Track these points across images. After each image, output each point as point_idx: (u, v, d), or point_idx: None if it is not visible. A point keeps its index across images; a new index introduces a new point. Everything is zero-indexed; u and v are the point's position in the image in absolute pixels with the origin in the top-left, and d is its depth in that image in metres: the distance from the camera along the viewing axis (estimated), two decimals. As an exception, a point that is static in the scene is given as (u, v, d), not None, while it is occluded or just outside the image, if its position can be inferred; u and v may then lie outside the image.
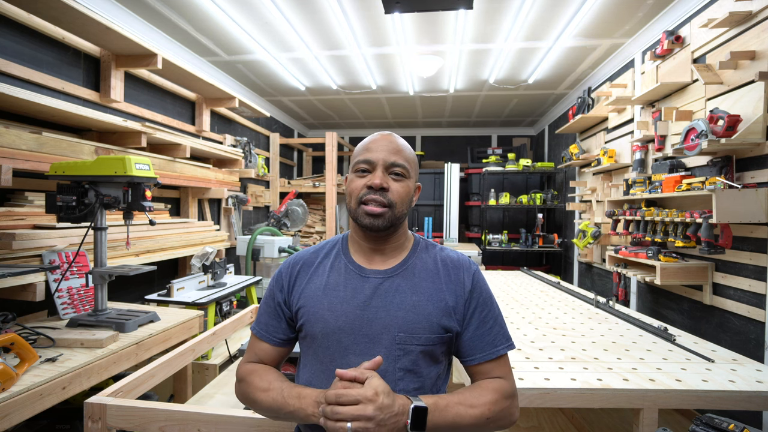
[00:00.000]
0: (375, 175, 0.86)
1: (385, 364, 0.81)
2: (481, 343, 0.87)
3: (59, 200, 1.70)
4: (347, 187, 0.91)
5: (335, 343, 0.84)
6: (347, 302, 0.86)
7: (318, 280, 0.90)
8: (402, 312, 0.84)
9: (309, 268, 0.93)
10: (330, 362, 0.84)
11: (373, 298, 0.86)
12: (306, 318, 0.87)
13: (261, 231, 3.61)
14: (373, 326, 0.84)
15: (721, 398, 1.29)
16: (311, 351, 0.88)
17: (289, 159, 5.99)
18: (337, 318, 0.84)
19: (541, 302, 2.53)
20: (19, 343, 1.27)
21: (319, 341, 0.86)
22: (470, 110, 5.40)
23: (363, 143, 0.92)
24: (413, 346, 0.83)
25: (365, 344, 0.83)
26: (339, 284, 0.88)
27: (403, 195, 0.88)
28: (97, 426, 1.10)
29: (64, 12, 2.01)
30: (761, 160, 1.97)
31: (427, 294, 0.87)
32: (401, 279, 0.88)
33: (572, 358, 1.56)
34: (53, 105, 1.91)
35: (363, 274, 0.89)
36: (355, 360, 0.81)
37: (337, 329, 0.84)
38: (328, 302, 0.86)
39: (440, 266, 0.91)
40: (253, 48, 3.37)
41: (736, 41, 2.09)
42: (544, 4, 2.65)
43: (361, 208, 0.86)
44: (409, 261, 0.91)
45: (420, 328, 0.83)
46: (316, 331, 0.86)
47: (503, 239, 5.22)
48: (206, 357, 2.31)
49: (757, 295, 1.97)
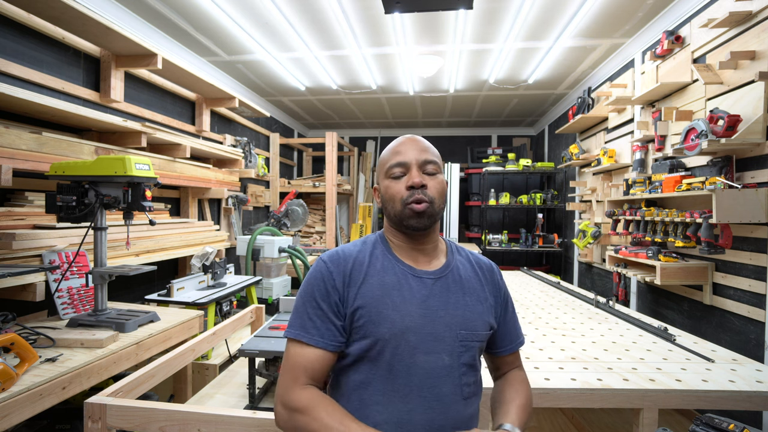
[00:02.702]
0: (412, 175, 0.89)
1: (450, 360, 0.85)
2: (510, 335, 0.99)
3: (59, 200, 1.70)
4: (386, 194, 0.92)
5: (404, 342, 0.83)
6: (409, 302, 0.86)
7: (373, 280, 0.87)
8: (460, 311, 0.88)
9: (361, 266, 0.89)
10: (398, 363, 0.83)
11: (430, 298, 0.87)
12: (368, 318, 0.83)
13: (261, 231, 3.61)
14: (436, 325, 0.85)
15: (721, 398, 1.29)
16: (371, 355, 0.84)
17: (289, 159, 5.99)
18: (403, 317, 0.84)
19: (541, 302, 2.53)
20: (19, 343, 1.27)
21: (385, 342, 0.83)
22: (470, 110, 5.40)
23: (390, 148, 0.95)
24: (473, 343, 0.88)
25: (431, 342, 0.84)
26: (396, 284, 0.87)
27: (440, 190, 0.91)
28: (97, 426, 1.10)
29: (64, 12, 2.01)
30: (761, 160, 1.97)
31: (475, 294, 0.92)
32: (450, 280, 0.91)
33: (572, 358, 1.56)
34: (53, 105, 1.91)
35: (416, 275, 0.90)
36: (423, 358, 0.84)
37: (405, 329, 0.83)
38: (391, 302, 0.85)
39: (477, 268, 0.98)
40: (253, 48, 3.37)
41: (736, 41, 2.09)
42: (544, 4, 2.65)
43: (407, 208, 0.88)
44: (452, 263, 0.95)
45: (477, 325, 0.89)
46: (381, 332, 0.83)
47: (503, 239, 5.22)
48: (206, 357, 2.31)
49: (757, 295, 1.97)
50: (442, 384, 0.83)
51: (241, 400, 1.56)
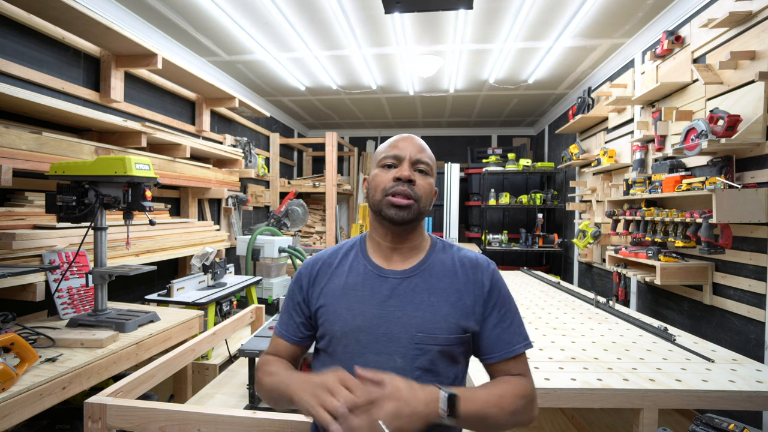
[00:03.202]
0: (403, 168, 0.88)
1: (403, 362, 0.83)
2: (499, 341, 0.88)
3: (59, 200, 1.70)
4: (371, 182, 0.92)
5: (354, 341, 0.85)
6: (365, 302, 0.87)
7: (337, 280, 0.92)
8: (420, 312, 0.85)
9: (328, 268, 0.95)
10: (348, 361, 0.85)
11: (391, 297, 0.87)
12: (325, 317, 0.89)
13: (261, 231, 3.61)
14: (391, 326, 0.85)
15: (721, 398, 1.29)
16: (329, 350, 0.89)
17: (289, 159, 5.99)
18: (355, 317, 0.86)
19: (541, 302, 2.53)
20: (19, 343, 1.27)
21: (337, 340, 0.87)
22: (470, 110, 5.40)
23: (388, 143, 0.95)
24: (430, 346, 0.84)
25: (383, 343, 0.84)
26: (357, 284, 0.90)
27: (428, 190, 0.90)
28: (97, 426, 1.10)
29: (64, 12, 2.01)
30: (761, 160, 1.97)
31: (444, 295, 0.88)
32: (419, 279, 0.89)
33: (572, 358, 1.57)
34: (53, 105, 1.91)
35: (381, 274, 0.90)
36: (373, 359, 0.83)
37: (356, 328, 0.85)
38: (347, 301, 0.88)
39: (458, 266, 0.92)
40: (253, 48, 3.37)
41: (736, 41, 2.09)
42: (544, 5, 2.65)
43: (386, 199, 0.87)
44: (427, 261, 0.92)
45: (437, 328, 0.85)
46: (335, 330, 0.87)
47: (503, 239, 5.22)
48: (206, 357, 2.31)
49: (757, 295, 1.97)
50: None
51: (241, 400, 1.56)
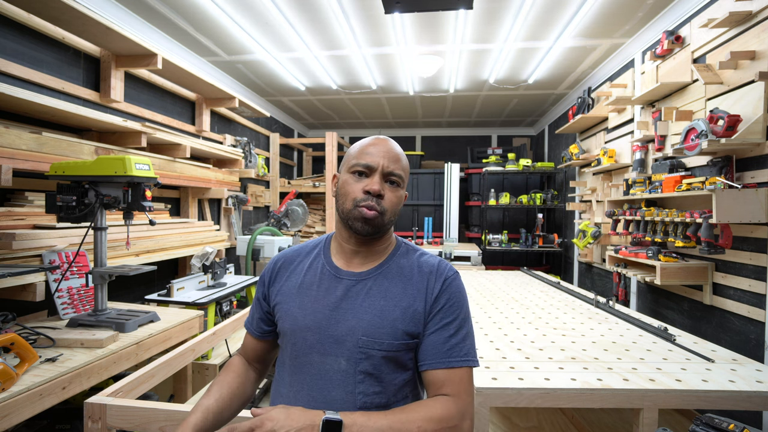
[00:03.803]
0: (373, 181, 0.86)
1: (347, 365, 0.83)
2: (434, 349, 0.83)
3: (59, 200, 1.70)
4: (341, 188, 0.89)
5: (301, 340, 0.86)
6: (318, 302, 0.88)
7: (295, 279, 0.94)
8: (368, 316, 0.84)
9: (289, 266, 0.97)
10: (295, 359, 0.87)
11: (344, 299, 0.87)
12: (279, 314, 0.91)
13: (261, 231, 3.61)
14: (339, 327, 0.84)
15: (721, 398, 1.29)
16: (282, 345, 0.93)
17: (289, 159, 5.99)
18: (305, 316, 0.87)
19: (541, 302, 2.53)
20: (19, 343, 1.27)
21: (287, 338, 0.89)
22: (470, 110, 5.40)
23: (361, 145, 0.91)
24: (375, 351, 0.82)
25: (329, 344, 0.84)
26: (313, 284, 0.91)
27: (395, 204, 0.89)
28: (97, 426, 1.10)
29: (64, 12, 2.01)
30: (761, 160, 1.97)
31: (396, 299, 0.86)
32: (373, 282, 0.88)
33: (572, 358, 1.56)
34: (53, 105, 1.91)
35: (338, 275, 0.90)
36: (318, 359, 0.84)
37: (304, 327, 0.86)
38: (299, 300, 0.89)
39: (416, 271, 0.90)
40: (253, 48, 3.37)
41: (736, 41, 2.09)
42: (544, 5, 2.65)
43: (356, 210, 0.85)
44: (385, 265, 0.91)
45: (383, 333, 0.83)
46: (286, 328, 0.89)
47: (503, 239, 5.22)
48: (206, 357, 2.31)
49: (757, 295, 1.97)
50: (332, 388, 0.82)
51: (241, 400, 1.56)
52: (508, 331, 1.92)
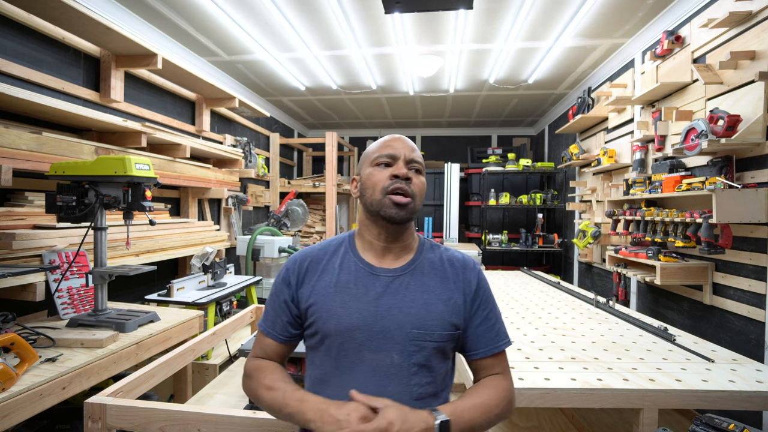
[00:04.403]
0: (399, 166, 0.89)
1: (400, 359, 0.84)
2: (484, 338, 0.91)
3: (59, 200, 1.70)
4: (367, 181, 0.91)
5: (349, 339, 0.85)
6: (359, 299, 0.87)
7: (328, 278, 0.91)
8: (415, 309, 0.86)
9: (318, 264, 0.93)
10: (344, 359, 0.85)
11: (384, 295, 0.87)
12: (318, 315, 0.88)
13: (261, 231, 3.61)
14: (386, 323, 0.85)
15: (721, 398, 1.29)
16: (323, 348, 0.88)
17: (289, 159, 5.99)
18: (351, 315, 0.86)
19: (541, 302, 2.53)
20: (19, 343, 1.27)
21: (332, 338, 0.86)
22: (470, 110, 5.40)
23: (380, 142, 0.95)
24: (427, 342, 0.85)
25: (379, 341, 0.85)
26: (350, 282, 0.89)
27: (421, 189, 0.92)
28: (97, 426, 1.10)
29: (64, 12, 2.01)
30: (761, 160, 1.97)
31: (436, 292, 0.90)
32: (411, 277, 0.90)
33: (572, 358, 1.56)
34: (53, 105, 1.91)
35: (373, 272, 0.90)
36: (370, 356, 0.84)
37: (351, 326, 0.85)
38: (340, 299, 0.87)
39: (447, 265, 0.94)
40: (253, 48, 3.37)
41: (736, 41, 2.09)
42: (544, 4, 2.65)
43: (387, 198, 0.87)
44: (418, 260, 0.94)
45: (433, 325, 0.86)
46: (329, 328, 0.86)
47: (503, 239, 5.22)
48: (206, 357, 2.31)
49: (757, 295, 1.97)
50: (388, 383, 0.83)
51: (241, 400, 1.56)
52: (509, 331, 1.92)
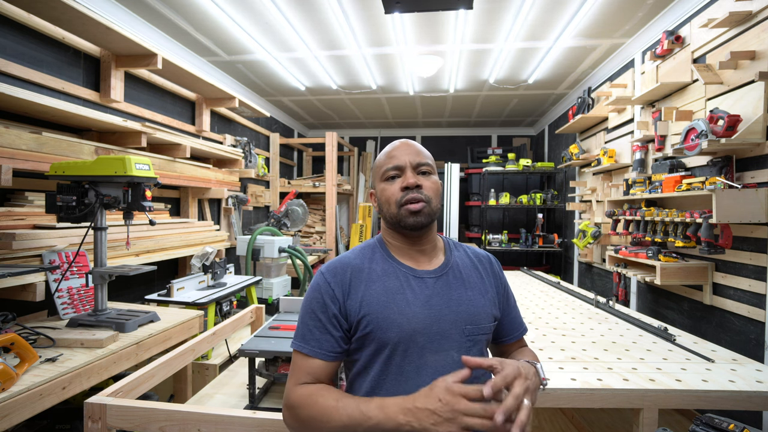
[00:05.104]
0: (407, 176, 0.91)
1: (458, 356, 0.83)
2: (514, 323, 1.02)
3: (59, 200, 1.70)
4: (381, 196, 0.94)
5: (412, 345, 0.85)
6: (412, 304, 0.87)
7: (376, 286, 0.89)
8: (463, 306, 0.90)
9: (360, 273, 0.91)
10: (408, 364, 0.85)
11: (433, 297, 0.89)
12: (375, 324, 0.85)
13: (261, 231, 3.61)
14: (441, 323, 0.87)
15: (721, 398, 1.29)
16: (381, 358, 0.86)
17: (289, 159, 5.99)
18: (410, 320, 0.86)
19: (541, 302, 2.53)
20: (19, 343, 1.27)
21: (392, 346, 0.85)
22: (470, 110, 5.40)
23: (384, 153, 0.97)
24: (480, 336, 0.90)
25: (438, 341, 0.86)
26: (399, 287, 0.89)
27: (435, 189, 0.93)
28: (97, 426, 1.10)
29: (64, 12, 2.01)
30: (761, 160, 1.97)
31: (476, 288, 0.94)
32: (451, 276, 0.93)
33: (572, 358, 1.56)
34: (53, 105, 1.91)
35: (417, 276, 0.92)
36: (432, 358, 0.85)
37: (412, 331, 0.85)
38: (396, 306, 0.86)
39: (475, 261, 1.00)
40: (253, 48, 3.37)
41: (736, 41, 2.09)
42: (544, 5, 2.65)
43: (403, 209, 0.89)
44: (451, 259, 0.97)
45: (481, 319, 0.90)
46: (389, 337, 0.85)
47: (503, 239, 5.22)
48: (206, 357, 2.31)
49: (757, 295, 1.97)
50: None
51: (241, 400, 1.56)
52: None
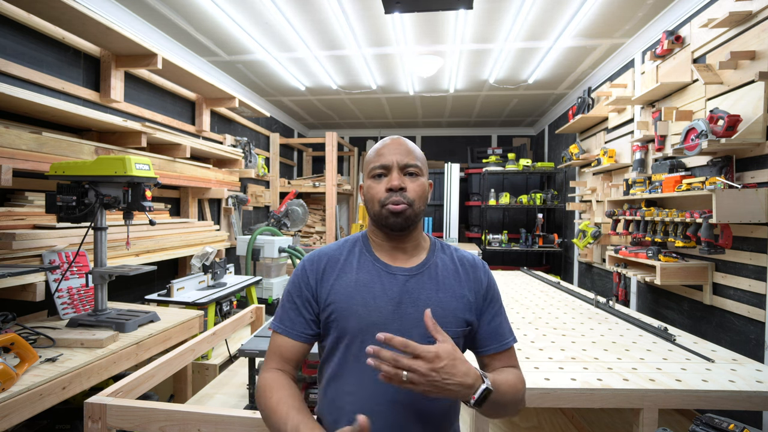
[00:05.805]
0: (392, 177, 0.91)
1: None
2: (494, 334, 0.96)
3: (59, 200, 1.70)
4: (367, 193, 0.95)
5: (369, 337, 0.86)
6: (379, 298, 0.89)
7: (347, 277, 0.93)
8: (431, 307, 0.88)
9: (335, 264, 0.95)
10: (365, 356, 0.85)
11: (402, 294, 0.90)
12: (338, 313, 0.90)
13: (261, 231, 3.61)
14: (404, 321, 0.88)
15: (721, 398, 1.29)
16: (341, 346, 0.90)
17: (289, 159, 5.99)
18: (371, 313, 0.88)
19: (541, 302, 2.53)
20: (19, 343, 1.27)
21: (351, 335, 0.88)
22: (470, 110, 5.40)
23: (374, 149, 0.97)
24: None
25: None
26: (369, 281, 0.92)
27: (419, 192, 0.93)
28: (97, 426, 1.10)
29: (64, 12, 2.01)
30: (761, 160, 1.97)
31: (450, 291, 0.93)
32: (426, 277, 0.93)
33: (572, 358, 1.56)
34: (53, 105, 1.91)
35: (390, 272, 0.93)
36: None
37: (371, 324, 0.87)
38: (360, 298, 0.89)
39: (458, 265, 0.98)
40: (253, 48, 3.37)
41: (736, 41, 2.09)
42: (544, 4, 2.65)
43: (384, 209, 0.91)
44: (431, 260, 0.97)
45: (448, 322, 0.89)
46: (349, 326, 0.88)
47: (503, 239, 5.22)
48: (206, 357, 2.31)
49: (757, 295, 1.97)
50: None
51: (241, 400, 1.56)
52: (508, 331, 1.92)
